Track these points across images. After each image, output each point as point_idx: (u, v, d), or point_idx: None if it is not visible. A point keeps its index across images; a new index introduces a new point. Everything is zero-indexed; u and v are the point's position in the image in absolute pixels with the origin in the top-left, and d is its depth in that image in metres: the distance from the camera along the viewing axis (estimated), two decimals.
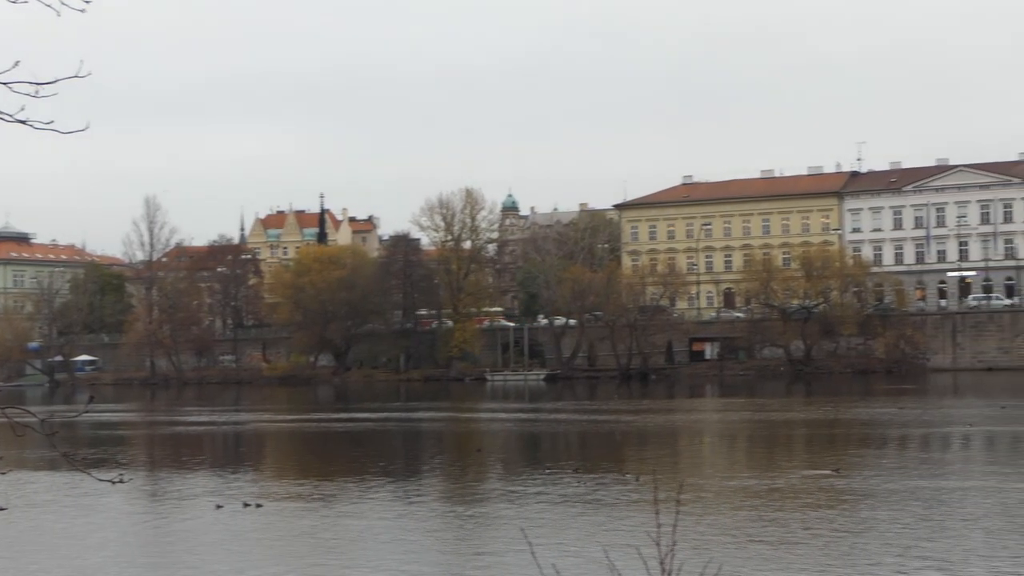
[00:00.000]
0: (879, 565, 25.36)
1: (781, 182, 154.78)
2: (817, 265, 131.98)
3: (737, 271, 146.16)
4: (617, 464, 46.94)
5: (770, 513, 32.27)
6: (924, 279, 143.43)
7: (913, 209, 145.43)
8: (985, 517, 30.53)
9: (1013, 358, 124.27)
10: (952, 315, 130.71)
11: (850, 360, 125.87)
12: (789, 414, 74.14)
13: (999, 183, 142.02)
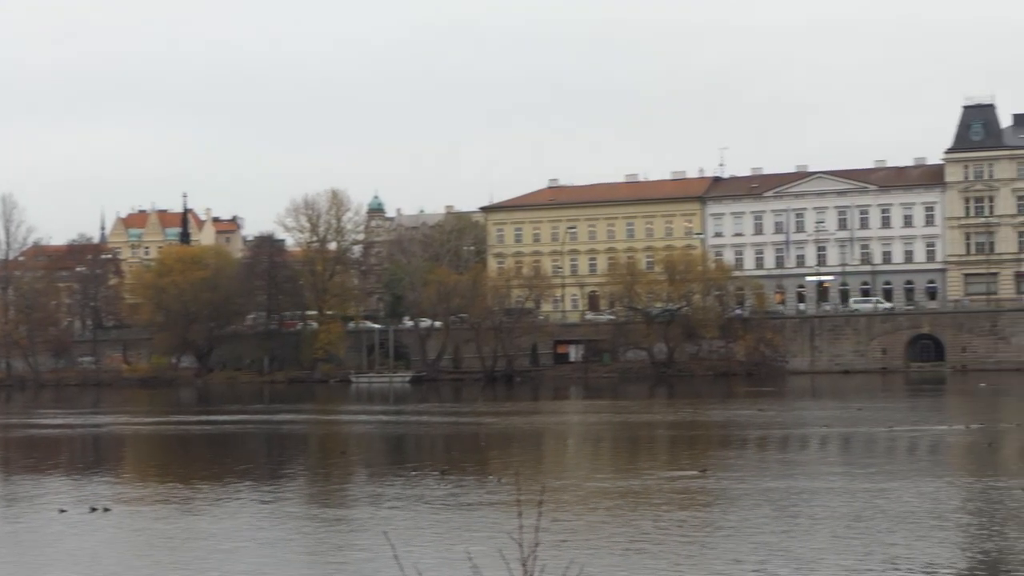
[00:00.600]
0: (738, 564, 25.69)
1: (645, 186, 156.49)
2: (680, 269, 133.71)
3: (601, 274, 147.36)
4: (481, 466, 46.98)
5: (633, 514, 32.53)
6: (784, 283, 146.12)
7: (773, 214, 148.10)
8: (837, 517, 31.11)
9: (869, 361, 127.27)
10: (810, 319, 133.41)
11: (712, 362, 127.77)
12: (652, 416, 74.99)
13: (856, 190, 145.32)
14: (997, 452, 47.07)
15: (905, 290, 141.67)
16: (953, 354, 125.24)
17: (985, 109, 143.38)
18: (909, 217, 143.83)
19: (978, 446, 48.90)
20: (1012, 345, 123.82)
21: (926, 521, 30.16)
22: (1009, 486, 35.43)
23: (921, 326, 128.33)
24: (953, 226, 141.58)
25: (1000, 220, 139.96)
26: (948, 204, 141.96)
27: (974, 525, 29.93)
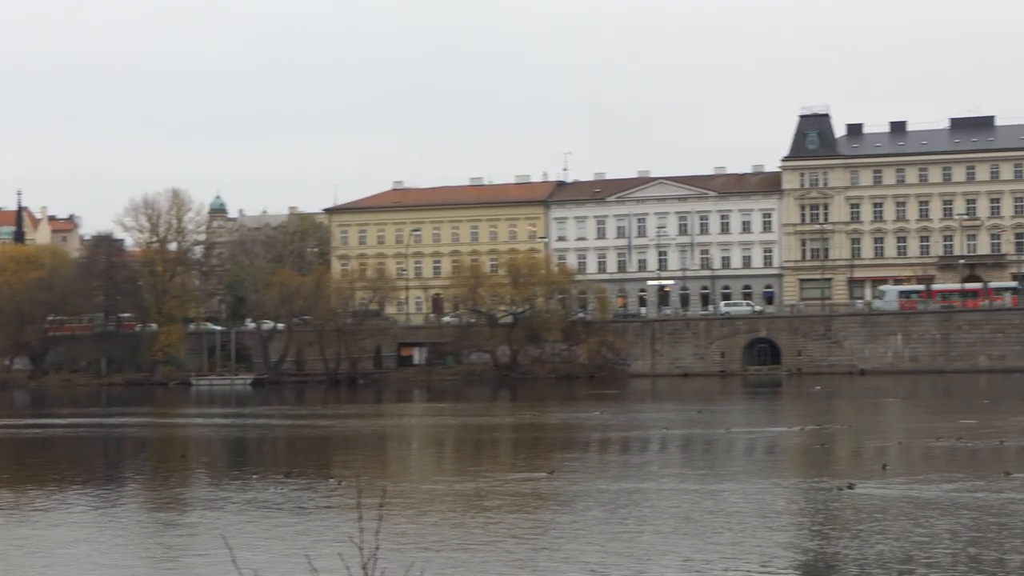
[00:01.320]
0: (578, 564, 25.94)
1: (490, 190, 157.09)
2: (524, 272, 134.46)
3: (446, 277, 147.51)
4: (323, 469, 46.69)
5: (476, 517, 32.63)
6: (626, 287, 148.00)
7: (616, 219, 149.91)
8: (668, 517, 31.58)
9: (707, 364, 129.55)
10: (651, 322, 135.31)
11: (555, 365, 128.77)
12: (495, 418, 75.30)
13: (696, 196, 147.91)
14: (829, 453, 48.30)
15: (743, 294, 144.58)
16: (789, 357, 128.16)
17: (820, 119, 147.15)
18: (748, 223, 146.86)
19: (811, 447, 50.11)
20: (845, 349, 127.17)
21: (751, 521, 30.64)
22: (834, 486, 36.32)
23: (758, 330, 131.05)
24: (789, 232, 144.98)
25: (834, 227, 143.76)
26: (785, 211, 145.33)
27: (795, 525, 30.53)
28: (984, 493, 34.39)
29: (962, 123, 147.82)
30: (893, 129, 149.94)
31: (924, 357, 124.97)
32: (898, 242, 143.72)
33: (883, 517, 30.62)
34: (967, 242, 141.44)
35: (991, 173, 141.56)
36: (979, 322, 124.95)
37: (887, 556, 25.89)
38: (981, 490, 35.00)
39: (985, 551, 26.13)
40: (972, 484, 36.24)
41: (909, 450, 48.08)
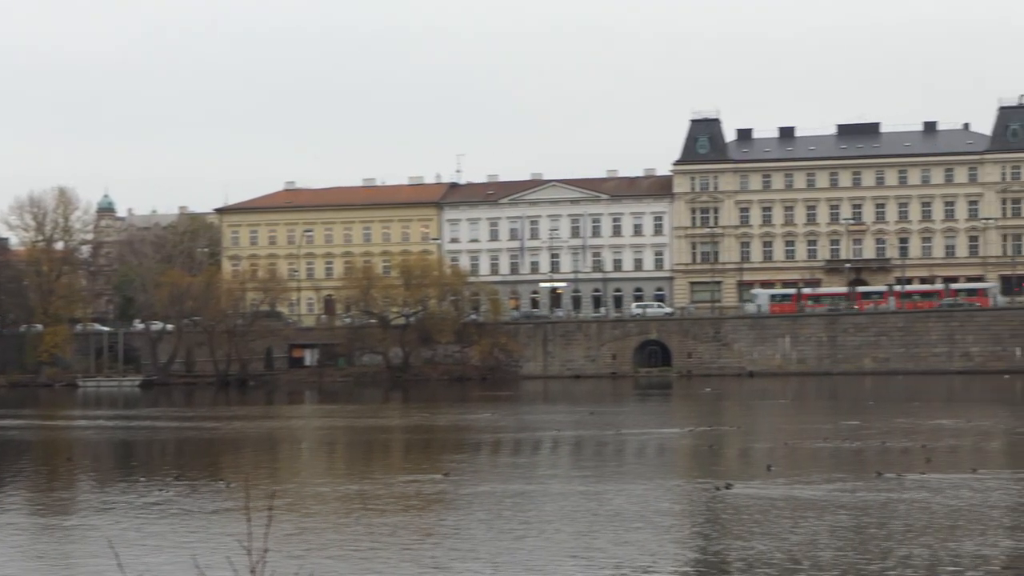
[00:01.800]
0: (467, 565, 25.98)
1: (382, 191, 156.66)
2: (416, 274, 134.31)
3: (338, 278, 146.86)
4: (212, 472, 46.22)
5: (367, 519, 32.52)
6: (518, 289, 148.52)
7: (509, 221, 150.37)
8: (555, 519, 31.71)
9: (599, 366, 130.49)
10: (543, 324, 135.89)
11: (447, 367, 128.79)
12: (387, 420, 75.11)
13: (588, 198, 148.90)
14: (717, 454, 48.87)
15: (634, 297, 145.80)
16: (679, 359, 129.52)
17: (711, 123, 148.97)
18: (639, 226, 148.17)
19: (700, 448, 50.68)
20: (734, 351, 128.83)
21: (634, 522, 30.73)
22: (713, 487, 36.74)
23: (649, 332, 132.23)
24: (680, 235, 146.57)
25: (724, 230, 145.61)
26: (676, 214, 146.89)
27: (675, 526, 30.64)
28: (863, 493, 35.01)
29: (849, 129, 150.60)
30: (782, 134, 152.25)
31: (811, 359, 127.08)
32: (786, 246, 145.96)
33: (763, 517, 31.02)
34: (853, 246, 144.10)
35: (876, 179, 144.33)
36: (864, 325, 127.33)
37: (766, 555, 26.19)
38: (860, 490, 35.63)
39: (860, 550, 26.56)
40: (852, 484, 36.87)
41: (795, 451, 48.81)
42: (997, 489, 35.65)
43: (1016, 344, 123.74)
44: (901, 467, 41.42)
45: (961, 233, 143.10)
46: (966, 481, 37.18)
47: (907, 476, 38.63)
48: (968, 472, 39.54)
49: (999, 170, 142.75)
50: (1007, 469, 42.04)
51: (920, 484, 36.61)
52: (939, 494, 34.51)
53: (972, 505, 32.60)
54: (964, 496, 34.11)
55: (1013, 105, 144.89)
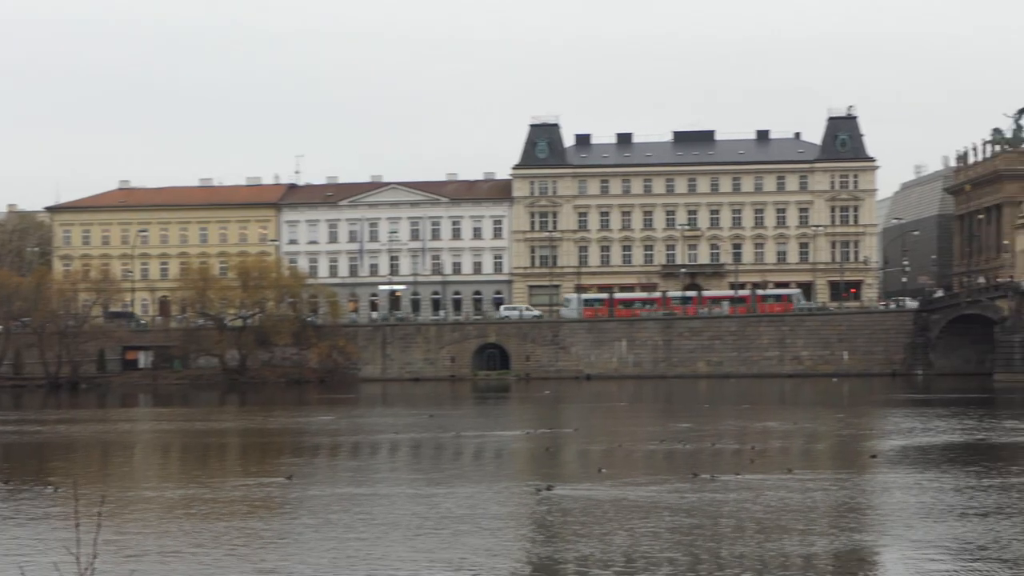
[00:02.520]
0: (300, 568, 25.77)
1: (220, 191, 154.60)
2: (254, 275, 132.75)
3: (174, 279, 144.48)
4: (40, 476, 45.05)
5: (200, 523, 32.04)
6: (357, 291, 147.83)
7: (348, 223, 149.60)
8: (388, 522, 31.65)
9: (438, 369, 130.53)
10: (383, 327, 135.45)
11: (285, 370, 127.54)
12: (223, 423, 74.06)
13: (428, 201, 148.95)
14: (555, 456, 49.26)
15: (474, 300, 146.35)
16: (518, 363, 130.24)
17: (550, 128, 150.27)
18: (479, 230, 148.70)
19: (537, 451, 51.03)
20: (572, 354, 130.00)
21: (461, 525, 30.65)
22: (535, 488, 36.99)
23: (488, 335, 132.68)
24: (519, 239, 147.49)
25: (563, 235, 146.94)
26: (515, 218, 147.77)
27: (502, 528, 30.38)
28: (689, 494, 35.54)
29: (685, 137, 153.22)
30: (620, 141, 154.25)
31: (647, 363, 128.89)
32: (623, 250, 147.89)
33: (588, 519, 31.26)
34: (689, 251, 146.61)
35: (711, 185, 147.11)
36: (699, 329, 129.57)
37: (591, 557, 26.36)
38: (685, 491, 36.14)
39: (682, 551, 26.89)
40: (678, 486, 37.44)
41: (629, 453, 49.46)
42: (814, 490, 36.53)
43: (844, 348, 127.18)
44: (725, 468, 42.23)
45: (792, 239, 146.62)
46: (784, 482, 38.03)
47: (723, 477, 39.38)
48: (785, 472, 40.52)
49: (828, 179, 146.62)
50: (824, 470, 43.18)
51: (742, 485, 37.33)
52: (758, 494, 35.24)
53: (786, 505, 33.27)
54: (780, 496, 34.80)
55: (842, 116, 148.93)
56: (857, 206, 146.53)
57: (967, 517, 30.85)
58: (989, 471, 41.05)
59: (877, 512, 32.65)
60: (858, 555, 26.84)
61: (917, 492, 35.60)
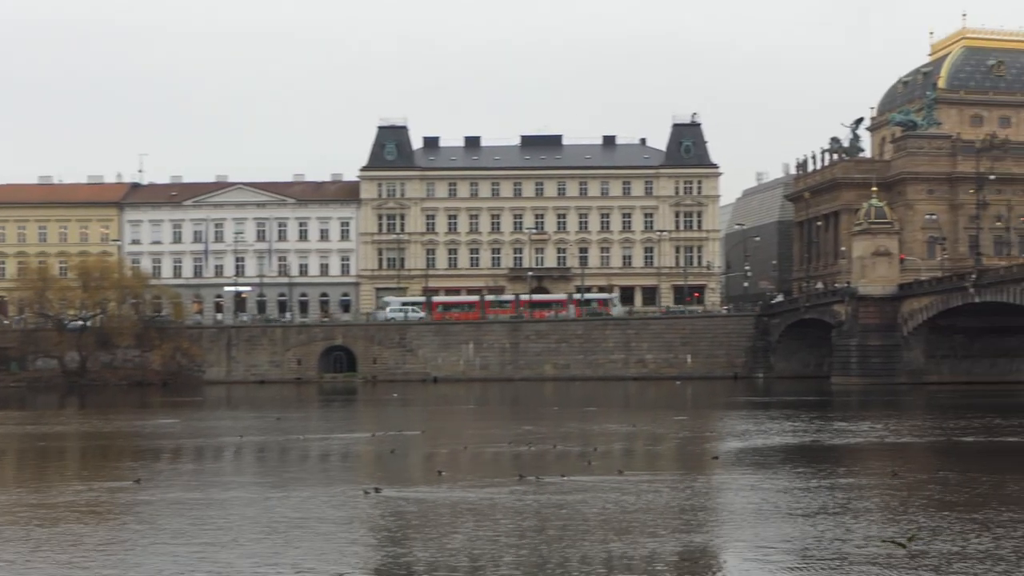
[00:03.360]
0: (127, 573, 25.41)
1: (60, 189, 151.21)
2: (95, 275, 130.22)
3: (11, 279, 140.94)
4: None
5: (32, 529, 31.31)
6: (202, 293, 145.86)
7: (193, 223, 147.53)
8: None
9: (284, 371, 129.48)
10: (228, 328, 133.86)
11: (127, 372, 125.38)
12: (62, 427, 72.41)
13: (275, 202, 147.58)
14: (401, 459, 49.24)
15: (320, 302, 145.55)
16: (365, 365, 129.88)
17: (398, 130, 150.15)
18: (326, 231, 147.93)
19: (383, 454, 50.95)
20: (419, 357, 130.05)
21: (293, 530, 30.24)
22: (367, 491, 36.94)
23: (335, 338, 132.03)
24: (367, 241, 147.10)
25: (410, 237, 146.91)
26: (363, 220, 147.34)
27: (333, 532, 29.92)
28: (529, 496, 35.76)
29: (532, 141, 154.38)
30: (468, 144, 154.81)
31: (494, 365, 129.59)
32: (471, 253, 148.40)
33: (420, 523, 31.14)
34: (536, 255, 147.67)
35: (558, 190, 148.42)
36: (545, 332, 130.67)
37: (422, 560, 26.38)
38: (524, 494, 36.33)
39: (513, 553, 27.02)
40: (514, 488, 37.66)
41: (474, 456, 49.68)
42: (656, 491, 37.07)
43: (687, 351, 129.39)
44: (565, 470, 42.53)
45: (637, 244, 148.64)
46: (622, 484, 38.41)
47: (552, 479, 39.67)
48: (618, 474, 41.11)
49: (673, 184, 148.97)
50: (668, 472, 43.92)
51: (579, 487, 37.63)
52: (596, 496, 35.58)
53: (626, 507, 33.62)
54: (618, 499, 35.12)
55: (686, 122, 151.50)
56: (701, 212, 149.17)
57: (801, 517, 31.64)
58: (819, 472, 42.14)
59: (715, 513, 33.24)
60: (694, 556, 27.22)
61: (755, 493, 36.37)
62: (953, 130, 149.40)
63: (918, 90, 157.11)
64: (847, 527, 29.92)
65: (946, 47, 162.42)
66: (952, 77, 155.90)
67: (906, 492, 36.57)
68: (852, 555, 26.35)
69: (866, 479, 40.76)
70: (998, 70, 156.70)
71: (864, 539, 28.13)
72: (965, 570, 24.71)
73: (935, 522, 30.47)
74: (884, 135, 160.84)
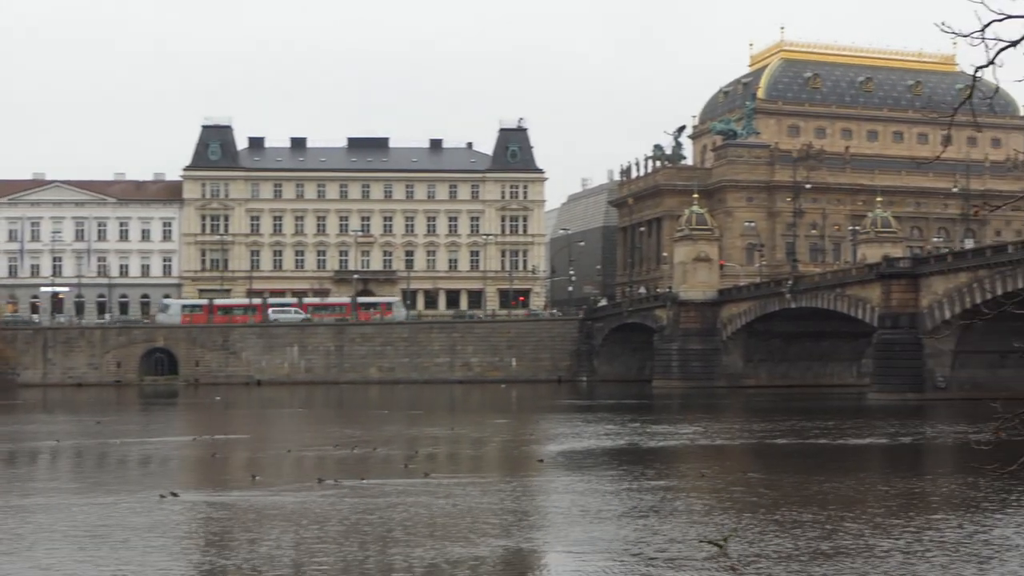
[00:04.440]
0: None
1: None
2: None
3: None
4: None
5: None
6: (17, 293, 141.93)
7: (7, 222, 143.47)
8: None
9: (103, 374, 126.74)
10: (44, 330, 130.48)
11: None
12: None
13: (94, 201, 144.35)
14: (221, 463, 48.71)
15: (141, 304, 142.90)
16: (187, 368, 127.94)
17: (223, 130, 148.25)
18: (147, 231, 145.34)
19: (204, 458, 50.33)
20: (242, 360, 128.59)
21: (89, 539, 29.45)
22: (163, 495, 36.47)
23: (155, 340, 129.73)
24: (190, 242, 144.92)
25: (234, 238, 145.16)
26: (185, 220, 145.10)
27: (132, 539, 29.24)
28: (341, 499, 35.73)
29: (359, 143, 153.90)
30: (294, 145, 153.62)
31: (319, 368, 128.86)
32: (296, 255, 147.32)
33: (221, 528, 30.95)
34: (362, 257, 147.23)
35: (385, 192, 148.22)
36: (371, 335, 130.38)
37: (220, 566, 26.22)
38: (334, 496, 36.28)
39: (317, 558, 26.99)
40: (329, 492, 37.52)
41: (297, 460, 49.44)
42: (482, 493, 37.36)
43: (512, 355, 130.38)
44: (381, 473, 42.69)
45: (463, 247, 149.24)
46: (434, 488, 38.47)
47: (346, 483, 39.57)
48: (421, 477, 41.39)
49: (499, 188, 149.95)
50: (492, 474, 44.37)
51: (396, 490, 37.68)
52: (413, 499, 35.66)
53: (448, 510, 33.86)
54: (445, 502, 35.38)
55: (513, 127, 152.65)
56: (526, 216, 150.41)
57: (619, 519, 32.20)
58: (637, 475, 42.90)
59: (532, 515, 33.50)
60: (509, 559, 27.47)
61: (573, 496, 36.79)
62: (771, 140, 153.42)
63: (738, 100, 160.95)
64: (663, 528, 30.55)
65: (765, 59, 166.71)
66: (771, 88, 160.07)
67: (717, 493, 37.57)
68: (667, 557, 26.91)
69: (681, 481, 41.67)
70: (814, 82, 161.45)
71: (683, 540, 28.76)
72: (767, 569, 25.44)
73: (744, 522, 31.30)
74: (706, 143, 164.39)
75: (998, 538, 28.90)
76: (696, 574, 24.87)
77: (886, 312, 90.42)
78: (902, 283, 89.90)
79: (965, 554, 26.93)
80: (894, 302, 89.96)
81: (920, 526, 30.74)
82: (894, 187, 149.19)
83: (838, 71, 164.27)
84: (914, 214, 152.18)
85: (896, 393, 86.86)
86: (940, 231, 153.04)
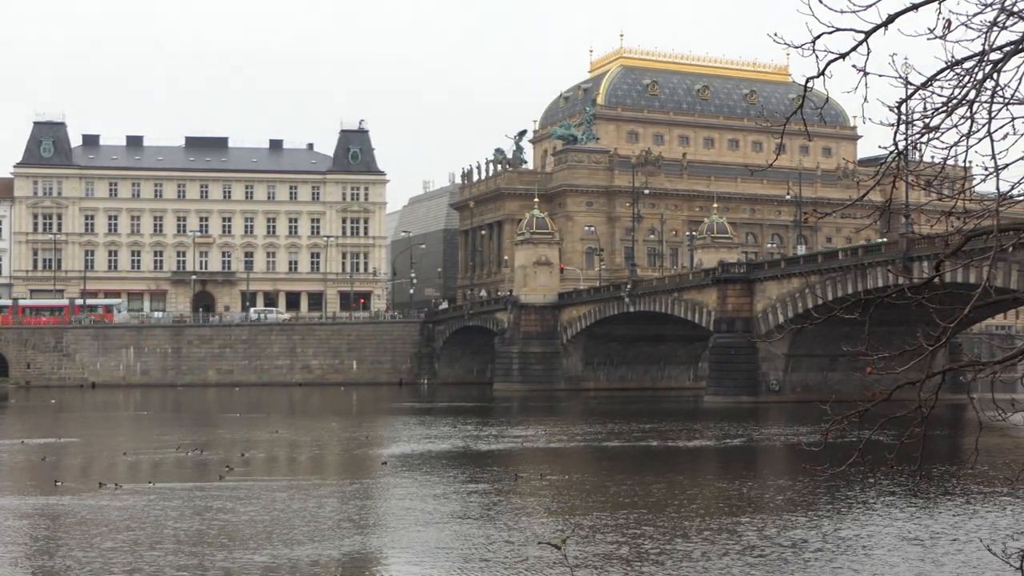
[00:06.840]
0: None
1: None
2: None
3: None
4: None
5: None
6: None
7: None
8: None
9: None
10: None
11: None
12: None
13: None
14: (55, 467, 47.64)
15: None
16: (18, 370, 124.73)
17: (56, 127, 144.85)
18: None
19: (35, 462, 49.17)
20: (76, 362, 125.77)
21: None
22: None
23: None
24: (21, 241, 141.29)
25: (68, 238, 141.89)
26: (16, 219, 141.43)
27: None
28: (175, 501, 35.42)
29: (197, 142, 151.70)
30: (130, 143, 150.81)
31: (155, 371, 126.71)
32: (132, 255, 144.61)
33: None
34: (200, 258, 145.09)
35: (224, 192, 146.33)
36: (209, 337, 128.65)
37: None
38: (168, 498, 35.98)
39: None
40: (135, 495, 37.19)
41: (131, 463, 48.64)
42: (320, 496, 37.34)
43: (353, 357, 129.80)
44: (208, 474, 42.39)
45: (304, 249, 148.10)
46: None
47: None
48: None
49: (340, 190, 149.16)
50: (331, 477, 44.29)
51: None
52: (246, 502, 35.57)
53: (277, 514, 33.82)
54: (278, 505, 35.37)
55: (354, 129, 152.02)
56: (367, 218, 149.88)
57: (455, 521, 32.36)
58: (465, 477, 43.19)
59: (366, 518, 33.47)
60: (341, 563, 27.40)
61: (411, 499, 36.89)
62: (611, 145, 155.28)
63: (578, 105, 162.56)
64: (497, 531, 30.74)
65: (605, 65, 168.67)
66: (610, 94, 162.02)
67: (554, 495, 37.96)
68: (503, 559, 27.10)
69: (517, 484, 41.85)
70: (653, 89, 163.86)
71: (523, 542, 28.96)
72: (603, 565, 25.80)
73: (574, 523, 31.66)
74: (546, 148, 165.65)
75: (828, 535, 29.71)
76: (535, 575, 25.11)
77: (722, 316, 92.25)
78: (737, 288, 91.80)
79: (792, 552, 27.64)
80: (729, 306, 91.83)
81: (748, 526, 31.43)
82: (729, 193, 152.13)
83: (676, 79, 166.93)
84: (749, 220, 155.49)
85: (731, 396, 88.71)
86: (774, 237, 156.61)
